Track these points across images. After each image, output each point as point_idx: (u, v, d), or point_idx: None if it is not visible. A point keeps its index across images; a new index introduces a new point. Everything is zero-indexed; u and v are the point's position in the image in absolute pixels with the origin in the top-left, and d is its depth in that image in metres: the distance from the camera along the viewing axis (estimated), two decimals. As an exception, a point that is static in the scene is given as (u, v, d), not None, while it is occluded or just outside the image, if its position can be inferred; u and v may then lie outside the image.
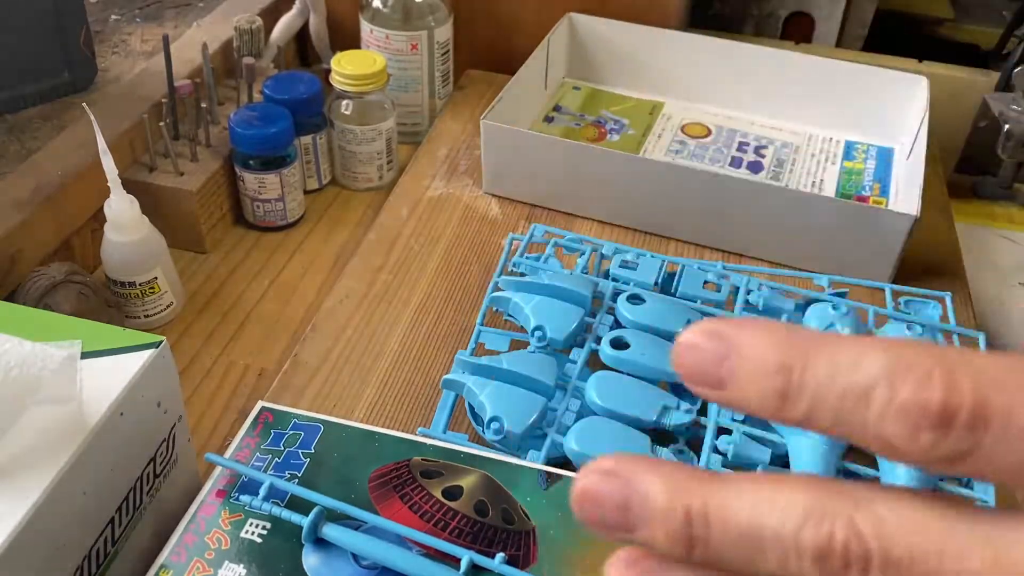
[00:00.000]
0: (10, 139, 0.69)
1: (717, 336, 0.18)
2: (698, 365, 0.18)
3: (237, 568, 0.37)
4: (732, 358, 0.18)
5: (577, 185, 0.66)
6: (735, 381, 0.18)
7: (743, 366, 0.17)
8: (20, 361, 0.33)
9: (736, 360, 0.17)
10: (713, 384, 0.18)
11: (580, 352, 0.51)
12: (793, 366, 0.17)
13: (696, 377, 0.18)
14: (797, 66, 0.76)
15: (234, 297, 0.63)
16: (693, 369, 0.18)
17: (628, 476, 0.18)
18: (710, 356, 0.18)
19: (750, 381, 0.17)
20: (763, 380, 0.17)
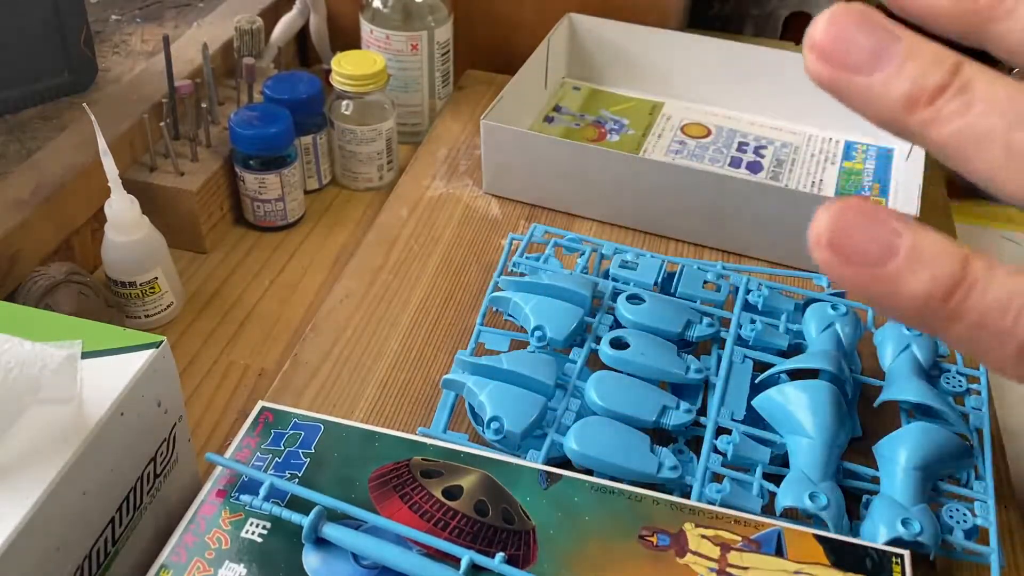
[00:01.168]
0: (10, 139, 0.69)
1: None
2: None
3: (237, 568, 0.37)
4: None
5: (577, 185, 0.66)
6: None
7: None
8: (20, 361, 0.33)
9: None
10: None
11: (580, 352, 0.51)
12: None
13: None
14: (797, 66, 0.76)
15: (234, 297, 0.63)
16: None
17: (888, 23, 0.17)
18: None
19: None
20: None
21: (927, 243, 0.16)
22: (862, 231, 0.16)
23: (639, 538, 0.39)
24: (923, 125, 0.16)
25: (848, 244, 0.16)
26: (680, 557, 0.38)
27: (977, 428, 0.48)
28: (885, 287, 0.16)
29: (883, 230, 0.16)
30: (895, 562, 0.38)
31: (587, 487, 0.41)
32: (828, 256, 0.16)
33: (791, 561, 0.38)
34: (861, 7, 0.16)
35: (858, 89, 0.16)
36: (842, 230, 0.16)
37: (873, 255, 0.16)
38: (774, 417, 0.47)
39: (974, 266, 0.16)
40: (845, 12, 0.16)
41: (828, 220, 0.16)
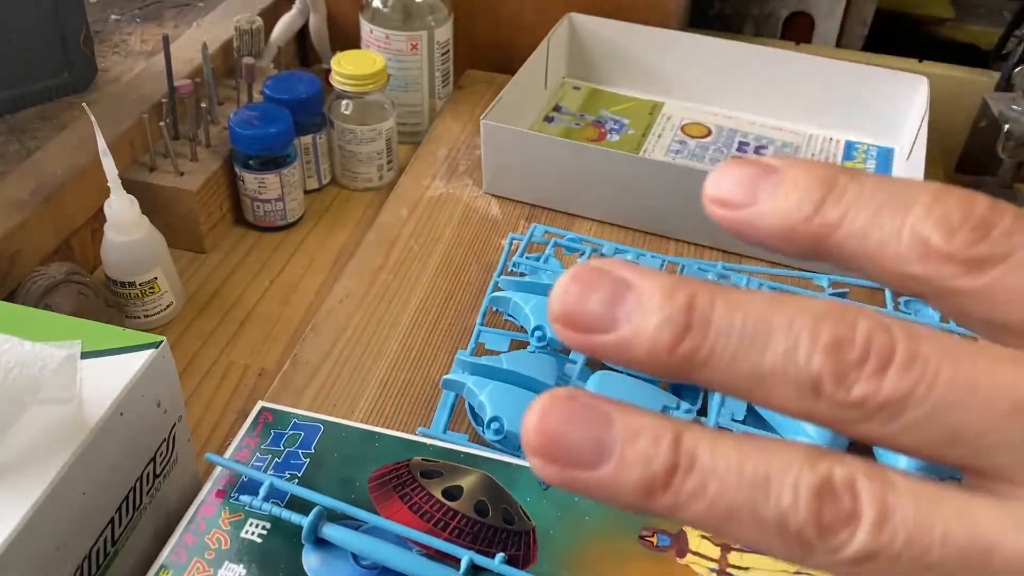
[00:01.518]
0: (10, 139, 0.69)
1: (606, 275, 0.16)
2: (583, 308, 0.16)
3: (237, 568, 0.37)
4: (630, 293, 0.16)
5: (577, 185, 0.66)
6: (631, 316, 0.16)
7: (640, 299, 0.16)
8: (20, 361, 0.33)
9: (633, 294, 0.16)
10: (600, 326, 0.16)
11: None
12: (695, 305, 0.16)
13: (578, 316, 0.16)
14: (797, 66, 0.76)
15: (234, 297, 0.63)
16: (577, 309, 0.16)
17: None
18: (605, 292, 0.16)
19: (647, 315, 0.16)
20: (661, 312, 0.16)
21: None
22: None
23: (639, 538, 0.39)
24: (670, 511, 0.15)
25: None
26: (680, 557, 0.38)
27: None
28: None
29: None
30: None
31: (587, 487, 0.41)
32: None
33: (784, 561, 0.37)
34: (567, 392, 0.16)
35: (592, 485, 0.16)
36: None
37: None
38: (774, 417, 0.47)
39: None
40: (552, 404, 0.16)
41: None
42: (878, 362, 0.15)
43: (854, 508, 0.14)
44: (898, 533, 0.14)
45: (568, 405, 0.16)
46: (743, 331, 0.15)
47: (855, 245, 0.16)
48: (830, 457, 0.15)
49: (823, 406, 0.15)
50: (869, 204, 0.16)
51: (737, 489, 0.15)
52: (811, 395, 0.15)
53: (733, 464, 0.15)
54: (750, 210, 0.17)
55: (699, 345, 0.15)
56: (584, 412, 0.16)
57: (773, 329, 0.15)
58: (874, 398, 0.15)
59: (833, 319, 0.15)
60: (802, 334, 0.15)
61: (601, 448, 0.15)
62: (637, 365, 0.16)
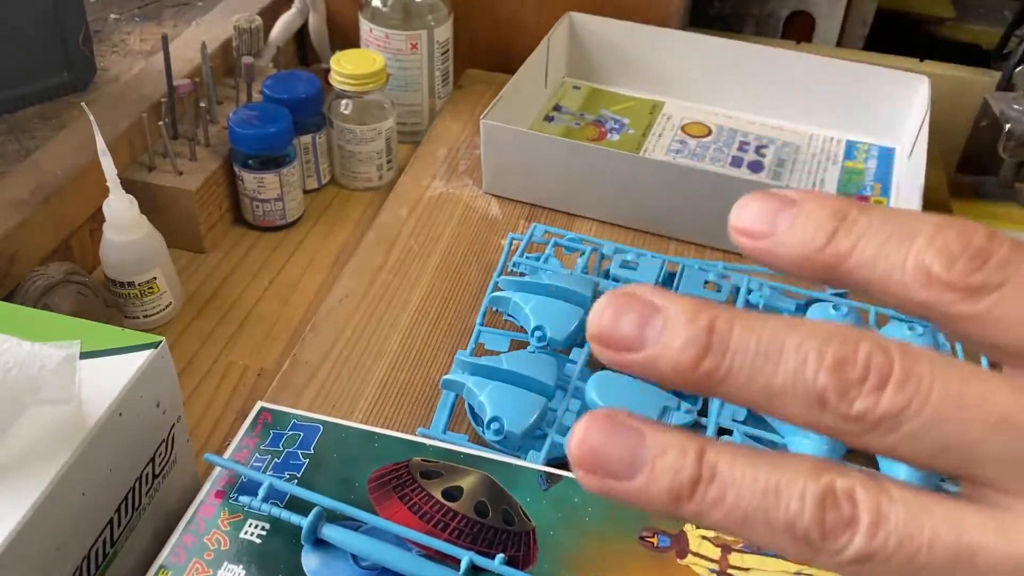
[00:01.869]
0: (9, 139, 0.68)
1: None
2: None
3: (236, 569, 0.37)
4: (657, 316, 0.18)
5: (577, 185, 0.66)
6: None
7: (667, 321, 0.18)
8: (19, 361, 0.33)
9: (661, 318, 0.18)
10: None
11: (580, 352, 0.51)
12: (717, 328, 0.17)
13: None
14: (797, 66, 0.76)
15: (233, 297, 0.63)
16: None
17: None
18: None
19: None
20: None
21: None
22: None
23: (639, 539, 0.39)
24: (695, 517, 0.17)
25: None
26: (681, 558, 0.38)
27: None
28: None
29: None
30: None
31: (587, 488, 0.41)
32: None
33: (792, 562, 0.37)
34: (605, 412, 0.18)
35: (629, 494, 0.18)
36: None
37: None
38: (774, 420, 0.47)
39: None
40: (592, 422, 0.18)
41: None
42: (877, 380, 0.16)
43: (853, 514, 0.16)
44: (891, 537, 0.16)
45: (606, 423, 0.18)
46: (757, 351, 0.17)
47: (865, 273, 0.17)
48: (833, 469, 0.17)
49: (828, 419, 0.17)
50: (877, 235, 0.17)
51: (751, 497, 0.17)
52: (817, 409, 0.17)
53: (748, 476, 0.17)
54: (769, 240, 0.18)
55: (719, 363, 0.17)
56: (620, 429, 0.18)
57: (784, 349, 0.17)
58: (873, 412, 0.16)
59: (838, 341, 0.17)
60: (810, 354, 0.17)
61: (635, 461, 0.18)
62: (664, 380, 0.18)
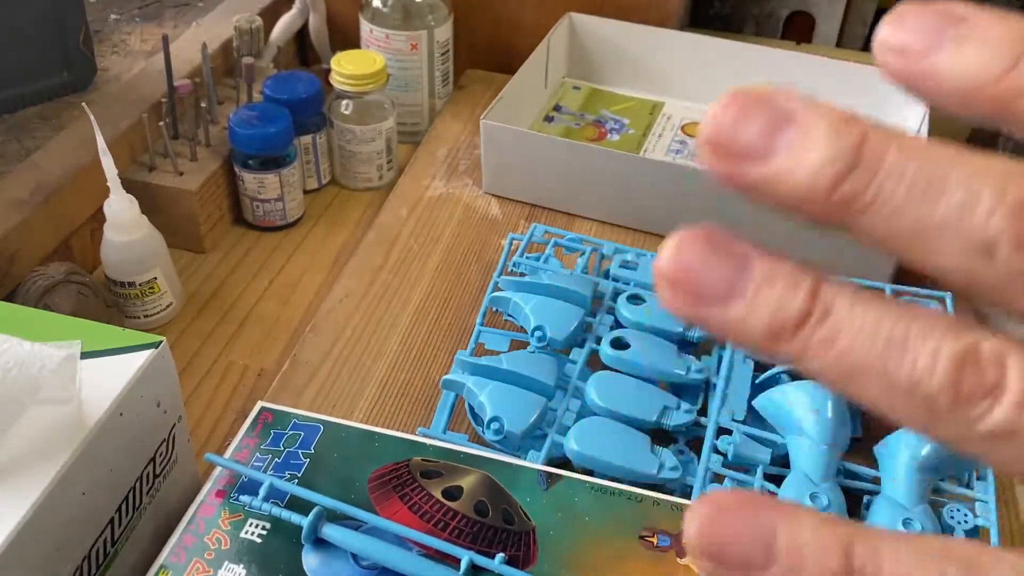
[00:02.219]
0: (9, 139, 0.68)
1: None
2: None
3: (237, 568, 0.37)
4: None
5: (577, 185, 0.66)
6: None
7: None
8: (19, 361, 0.33)
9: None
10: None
11: (580, 352, 0.51)
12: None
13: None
14: (797, 66, 0.76)
15: (233, 297, 0.63)
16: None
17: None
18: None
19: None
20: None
21: (807, 534, 0.15)
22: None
23: (639, 538, 0.39)
24: (794, 357, 0.15)
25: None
26: (681, 558, 0.38)
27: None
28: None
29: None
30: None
31: (587, 487, 0.41)
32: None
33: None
34: (707, 231, 0.15)
35: (719, 322, 0.15)
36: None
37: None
38: (775, 417, 0.47)
39: (858, 553, 0.15)
40: (691, 239, 0.15)
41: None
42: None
43: (999, 381, 0.14)
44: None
45: (707, 240, 0.15)
46: (916, 177, 0.14)
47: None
48: (979, 331, 0.14)
49: (993, 272, 0.14)
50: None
51: (870, 345, 0.14)
52: (982, 257, 0.14)
53: (871, 320, 0.14)
54: (929, 60, 0.15)
55: (865, 187, 0.14)
56: (723, 249, 0.15)
57: (951, 180, 0.14)
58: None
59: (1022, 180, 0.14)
60: (984, 190, 0.14)
61: (734, 286, 0.15)
62: (790, 202, 0.15)
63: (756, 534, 0.15)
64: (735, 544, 0.15)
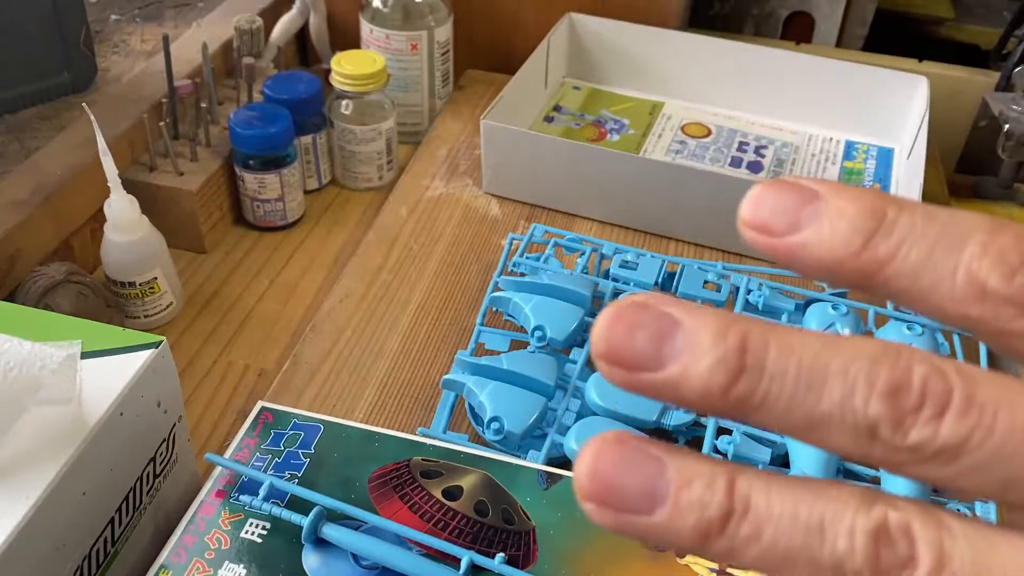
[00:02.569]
0: (10, 139, 0.69)
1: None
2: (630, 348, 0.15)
3: (237, 568, 0.37)
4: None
5: (577, 185, 0.66)
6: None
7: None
8: (20, 361, 0.33)
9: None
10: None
11: (580, 352, 0.51)
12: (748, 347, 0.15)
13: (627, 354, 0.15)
14: (797, 66, 0.76)
15: (234, 297, 0.63)
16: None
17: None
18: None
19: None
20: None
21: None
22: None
23: (639, 538, 0.39)
24: (727, 556, 0.15)
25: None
26: (680, 557, 0.38)
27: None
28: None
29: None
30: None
31: (587, 487, 0.41)
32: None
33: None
34: (616, 436, 0.16)
35: (646, 529, 0.15)
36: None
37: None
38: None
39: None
40: (602, 445, 0.16)
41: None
42: (935, 408, 0.15)
43: (911, 553, 0.14)
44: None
45: (618, 450, 0.16)
46: (798, 376, 0.15)
47: (906, 283, 0.15)
48: (884, 500, 0.15)
49: (879, 450, 0.15)
50: (921, 240, 0.15)
51: (792, 534, 0.15)
52: (867, 440, 0.15)
53: (788, 509, 0.15)
54: (791, 239, 0.16)
55: (753, 389, 0.15)
56: (635, 457, 0.16)
57: (829, 374, 0.15)
58: (931, 443, 0.15)
59: (889, 363, 0.15)
60: (859, 379, 0.15)
61: (655, 494, 0.15)
62: (687, 405, 0.16)
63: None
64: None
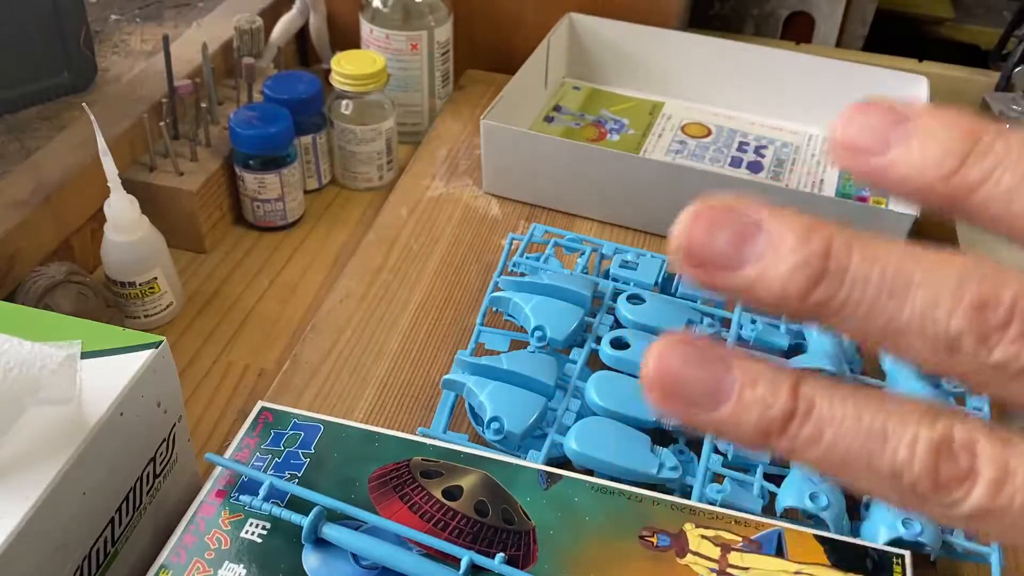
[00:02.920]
0: (10, 139, 0.69)
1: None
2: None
3: (237, 568, 0.37)
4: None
5: (577, 185, 0.66)
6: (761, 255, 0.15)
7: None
8: (20, 361, 0.33)
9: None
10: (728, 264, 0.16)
11: (580, 352, 0.51)
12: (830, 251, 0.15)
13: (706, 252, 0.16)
14: (797, 66, 0.76)
15: (234, 297, 0.63)
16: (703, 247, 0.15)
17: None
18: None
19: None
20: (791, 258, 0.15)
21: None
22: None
23: (639, 538, 0.39)
24: (787, 454, 0.16)
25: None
26: (680, 557, 0.38)
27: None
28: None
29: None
30: (896, 562, 0.37)
31: (587, 487, 0.41)
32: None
33: (791, 561, 0.37)
34: (687, 336, 0.16)
35: (710, 423, 0.16)
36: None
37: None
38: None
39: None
40: (672, 346, 0.16)
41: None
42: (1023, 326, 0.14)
43: (972, 467, 0.15)
44: (1017, 495, 0.14)
45: (687, 347, 0.16)
46: (881, 283, 0.15)
47: (999, 208, 0.15)
48: (949, 416, 0.15)
49: (960, 364, 0.15)
50: (1017, 166, 0.15)
51: (853, 439, 0.15)
52: (948, 353, 0.15)
53: (851, 415, 0.15)
54: (881, 159, 0.16)
55: (834, 293, 0.15)
56: (703, 355, 0.16)
57: (913, 284, 0.15)
58: (1016, 362, 0.14)
59: (978, 279, 0.15)
60: (943, 291, 0.15)
61: (719, 391, 0.16)
62: (764, 306, 0.16)
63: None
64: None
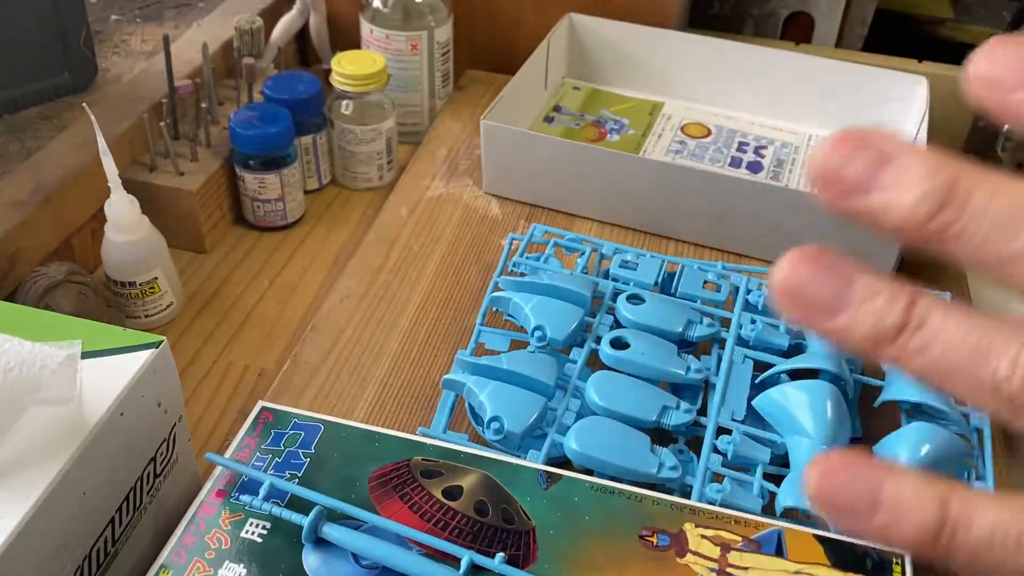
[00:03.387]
0: (10, 139, 0.69)
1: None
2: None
3: (237, 568, 0.37)
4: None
5: (577, 185, 0.66)
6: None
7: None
8: (20, 361, 0.33)
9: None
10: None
11: (580, 352, 0.51)
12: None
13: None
14: (797, 66, 0.76)
15: (234, 297, 0.63)
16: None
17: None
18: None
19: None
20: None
21: (907, 489, 0.18)
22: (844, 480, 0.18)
23: (639, 538, 0.39)
24: (894, 360, 0.17)
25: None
26: (680, 557, 0.38)
27: (977, 428, 0.48)
28: (877, 535, 0.18)
29: (865, 481, 0.18)
30: (895, 562, 0.37)
31: (587, 487, 0.41)
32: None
33: (791, 561, 0.37)
34: (817, 250, 0.18)
35: (828, 329, 0.18)
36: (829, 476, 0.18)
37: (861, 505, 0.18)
38: (774, 417, 0.47)
39: (953, 508, 0.17)
40: (802, 258, 0.18)
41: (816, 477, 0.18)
42: None
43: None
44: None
45: (814, 262, 0.18)
46: (997, 215, 0.16)
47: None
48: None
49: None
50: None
51: (958, 352, 0.17)
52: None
53: (960, 330, 0.17)
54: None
55: (954, 221, 0.17)
56: (831, 267, 0.18)
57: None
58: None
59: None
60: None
61: (840, 300, 0.17)
62: (891, 228, 0.17)
63: (864, 487, 0.18)
64: (846, 495, 0.18)
